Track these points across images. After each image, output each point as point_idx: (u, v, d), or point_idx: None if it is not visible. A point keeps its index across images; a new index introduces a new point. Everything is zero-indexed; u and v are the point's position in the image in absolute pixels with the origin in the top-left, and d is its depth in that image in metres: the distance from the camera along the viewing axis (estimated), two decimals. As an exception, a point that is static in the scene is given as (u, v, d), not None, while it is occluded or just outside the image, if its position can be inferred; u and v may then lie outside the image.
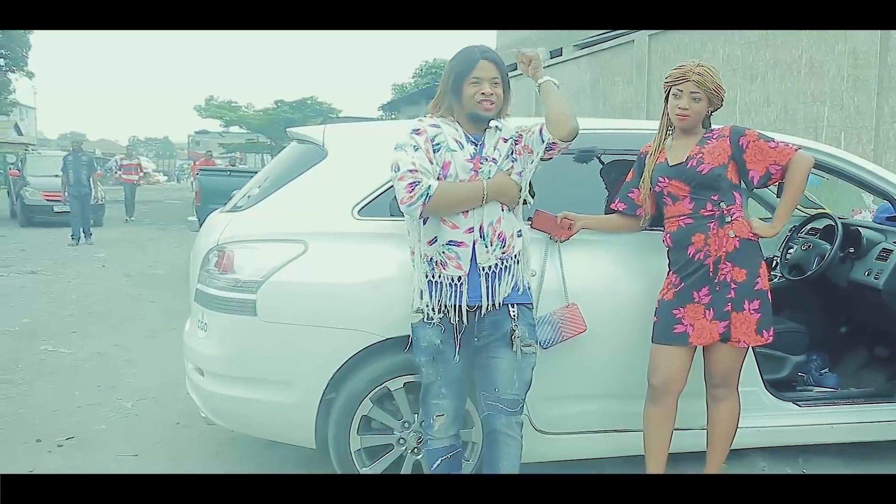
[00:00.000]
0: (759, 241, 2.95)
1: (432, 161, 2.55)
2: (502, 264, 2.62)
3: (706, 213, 2.88)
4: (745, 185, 2.96)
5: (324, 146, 3.25)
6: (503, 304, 2.62)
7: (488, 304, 2.60)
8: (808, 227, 4.21)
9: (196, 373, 3.21)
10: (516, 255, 2.66)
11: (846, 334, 4.19)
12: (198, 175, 12.25)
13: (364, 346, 2.96)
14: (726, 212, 2.87)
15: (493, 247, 2.59)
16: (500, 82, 2.60)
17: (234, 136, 40.10)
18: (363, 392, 2.99)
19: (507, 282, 2.63)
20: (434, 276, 2.61)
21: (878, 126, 7.97)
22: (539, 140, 2.61)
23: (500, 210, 2.60)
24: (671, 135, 3.05)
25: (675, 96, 2.92)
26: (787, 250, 4.20)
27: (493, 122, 2.68)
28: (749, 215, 3.03)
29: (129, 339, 5.97)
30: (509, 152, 2.65)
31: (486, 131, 2.66)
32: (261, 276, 2.95)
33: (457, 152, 2.57)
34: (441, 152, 2.57)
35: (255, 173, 5.59)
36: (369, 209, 3.05)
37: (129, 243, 13.06)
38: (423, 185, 2.46)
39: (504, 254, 2.61)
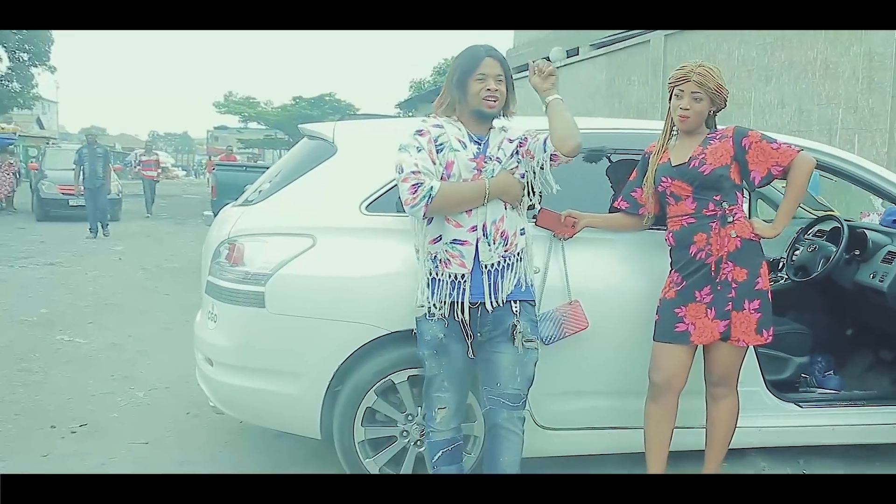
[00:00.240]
0: (762, 241, 2.97)
1: (435, 161, 2.59)
2: (505, 262, 2.65)
3: (708, 213, 2.91)
4: (747, 186, 2.98)
5: (333, 143, 3.30)
6: (506, 300, 2.66)
7: (491, 302, 2.64)
8: (815, 228, 4.21)
9: (206, 363, 3.28)
10: (519, 253, 2.69)
11: (851, 336, 4.18)
12: (214, 170, 12.36)
13: (370, 340, 3.00)
14: (728, 212, 2.90)
15: (495, 245, 2.62)
16: (504, 80, 2.64)
17: (252, 131, 40.20)
18: (368, 384, 3.03)
19: (509, 279, 2.66)
20: (438, 274, 2.65)
21: (893, 129, 7.92)
22: (542, 149, 2.65)
23: (504, 209, 2.64)
24: (675, 135, 3.08)
25: (678, 97, 2.95)
26: (794, 252, 4.20)
27: (497, 122, 2.73)
28: (756, 215, 3.05)
29: (144, 330, 6.07)
30: (514, 152, 2.69)
31: (491, 131, 2.71)
32: (270, 269, 3.01)
33: (460, 152, 2.61)
34: (444, 152, 2.61)
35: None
36: (377, 205, 3.10)
37: (146, 237, 13.20)
38: (425, 187, 2.51)
39: (507, 252, 2.65)
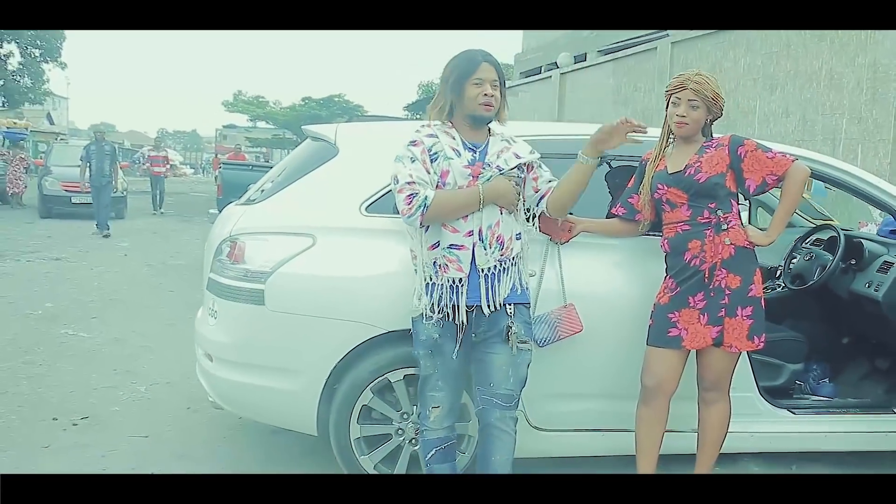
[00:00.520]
0: (756, 249, 3.00)
1: (429, 171, 2.63)
2: (500, 266, 2.68)
3: (703, 221, 2.94)
4: (743, 194, 3.02)
5: (335, 144, 3.35)
6: (502, 303, 2.69)
7: (488, 305, 2.67)
8: (813, 237, 4.25)
9: (205, 358, 3.33)
10: (515, 257, 2.72)
11: (848, 345, 4.20)
12: (220, 169, 12.44)
13: (367, 338, 3.05)
14: (723, 219, 2.93)
15: (491, 249, 2.65)
16: (499, 86, 2.68)
17: (261, 131, 40.35)
18: (364, 382, 3.08)
19: (505, 283, 2.69)
20: (437, 279, 2.68)
21: (896, 140, 7.94)
22: (534, 194, 2.78)
23: (499, 213, 2.67)
24: (672, 143, 3.12)
25: (674, 104, 2.99)
26: (791, 260, 4.24)
27: (498, 129, 2.77)
28: (756, 222, 3.08)
29: (147, 326, 6.13)
30: (517, 167, 2.72)
31: (490, 138, 2.74)
32: (270, 268, 3.05)
33: (454, 160, 2.64)
34: (439, 161, 2.65)
35: (274, 168, 5.71)
36: (377, 206, 3.14)
37: (152, 234, 13.27)
38: (420, 197, 2.55)
39: (503, 255, 2.67)
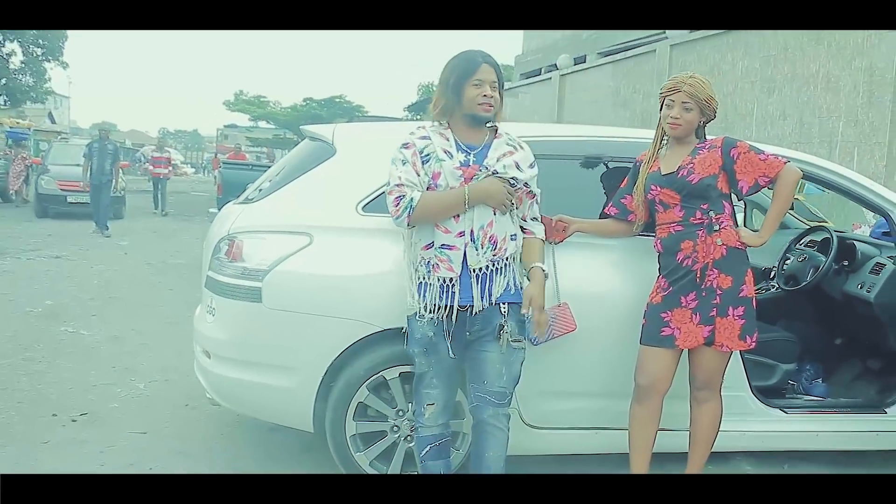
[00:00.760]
0: (748, 250, 3.03)
1: (419, 173, 2.66)
2: (494, 266, 2.70)
3: (695, 221, 2.97)
4: (735, 195, 3.05)
5: (333, 144, 3.38)
6: (495, 303, 2.71)
7: (480, 305, 2.69)
8: (807, 239, 4.28)
9: (203, 355, 3.36)
10: (508, 258, 2.74)
11: (840, 346, 4.24)
12: (220, 168, 12.48)
13: (362, 336, 3.08)
14: (715, 220, 2.96)
15: (483, 249, 2.67)
16: (498, 87, 2.71)
17: (261, 130, 40.45)
18: (360, 380, 3.10)
19: (498, 283, 2.71)
20: (428, 278, 2.71)
21: (892, 142, 7.99)
22: (515, 213, 2.80)
23: (492, 214, 2.68)
24: (665, 144, 3.15)
25: (668, 106, 3.03)
26: (784, 261, 4.27)
27: (504, 134, 2.79)
28: (751, 223, 3.10)
29: (147, 324, 6.16)
30: (513, 178, 2.72)
31: (495, 140, 2.76)
32: (267, 266, 3.08)
33: (445, 161, 2.67)
34: (430, 163, 2.68)
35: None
36: (373, 205, 3.16)
37: (152, 233, 13.30)
38: (406, 199, 2.61)
39: (495, 256, 2.69)
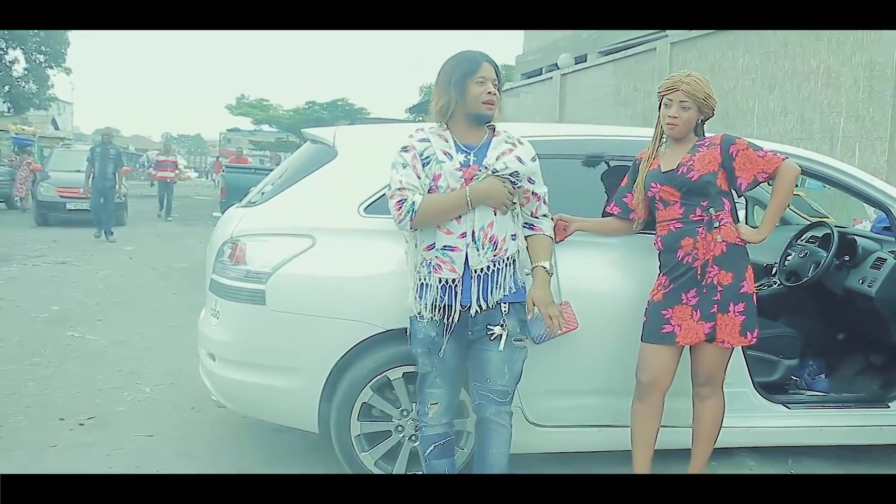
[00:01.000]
0: (748, 246, 3.05)
1: (420, 176, 2.68)
2: (495, 266, 2.71)
3: (695, 218, 2.99)
4: (734, 191, 3.07)
5: (334, 146, 3.41)
6: (497, 303, 2.72)
7: (480, 305, 2.71)
8: (808, 234, 4.29)
9: (208, 358, 3.39)
10: (509, 258, 2.75)
11: (842, 341, 4.25)
12: (223, 172, 12.52)
13: (366, 337, 3.10)
14: (714, 217, 2.98)
15: (484, 250, 2.68)
16: (497, 86, 2.74)
17: (264, 134, 40.45)
18: (364, 380, 3.13)
19: (499, 283, 2.72)
20: (429, 279, 2.72)
21: (893, 137, 7.97)
22: (518, 209, 2.80)
23: (493, 214, 2.69)
24: (665, 142, 3.17)
25: (666, 105, 3.04)
26: (786, 257, 4.28)
27: (502, 132, 2.80)
28: (753, 220, 3.11)
29: (152, 328, 6.20)
30: (513, 174, 2.73)
31: (494, 139, 2.77)
32: (270, 268, 3.11)
33: (445, 163, 2.68)
34: (431, 165, 2.69)
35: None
36: (375, 207, 3.18)
37: (156, 237, 13.36)
38: (408, 203, 2.62)
39: (496, 256, 2.70)
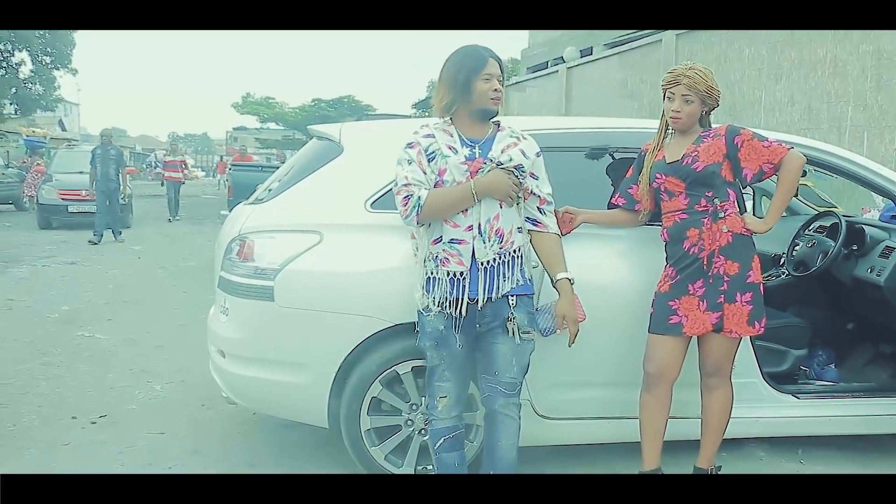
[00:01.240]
0: (755, 236, 3.05)
1: (426, 171, 2.69)
2: (501, 259, 2.72)
3: (700, 209, 2.99)
4: (740, 182, 3.06)
5: (340, 143, 3.42)
6: (504, 295, 2.73)
7: (486, 298, 2.72)
8: (816, 224, 4.28)
9: (218, 355, 3.41)
10: (515, 250, 2.76)
11: (852, 330, 4.23)
12: (229, 170, 12.53)
13: (374, 332, 3.12)
14: (720, 208, 2.98)
15: (490, 242, 2.69)
16: (502, 81, 2.74)
17: (271, 132, 40.58)
18: (373, 375, 3.14)
19: (506, 276, 2.73)
20: (437, 273, 2.73)
21: (902, 125, 7.93)
22: (522, 203, 2.79)
23: (499, 207, 2.71)
24: (671, 134, 3.17)
25: (669, 99, 3.03)
26: (794, 247, 4.27)
27: (507, 127, 2.81)
28: (760, 211, 3.10)
29: (161, 326, 6.23)
30: (517, 167, 2.74)
31: (499, 133, 2.78)
32: (279, 265, 3.13)
33: (450, 157, 2.70)
34: (436, 160, 2.71)
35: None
36: (381, 202, 3.19)
37: (164, 237, 13.41)
38: (414, 198, 2.64)
39: (502, 249, 2.71)
